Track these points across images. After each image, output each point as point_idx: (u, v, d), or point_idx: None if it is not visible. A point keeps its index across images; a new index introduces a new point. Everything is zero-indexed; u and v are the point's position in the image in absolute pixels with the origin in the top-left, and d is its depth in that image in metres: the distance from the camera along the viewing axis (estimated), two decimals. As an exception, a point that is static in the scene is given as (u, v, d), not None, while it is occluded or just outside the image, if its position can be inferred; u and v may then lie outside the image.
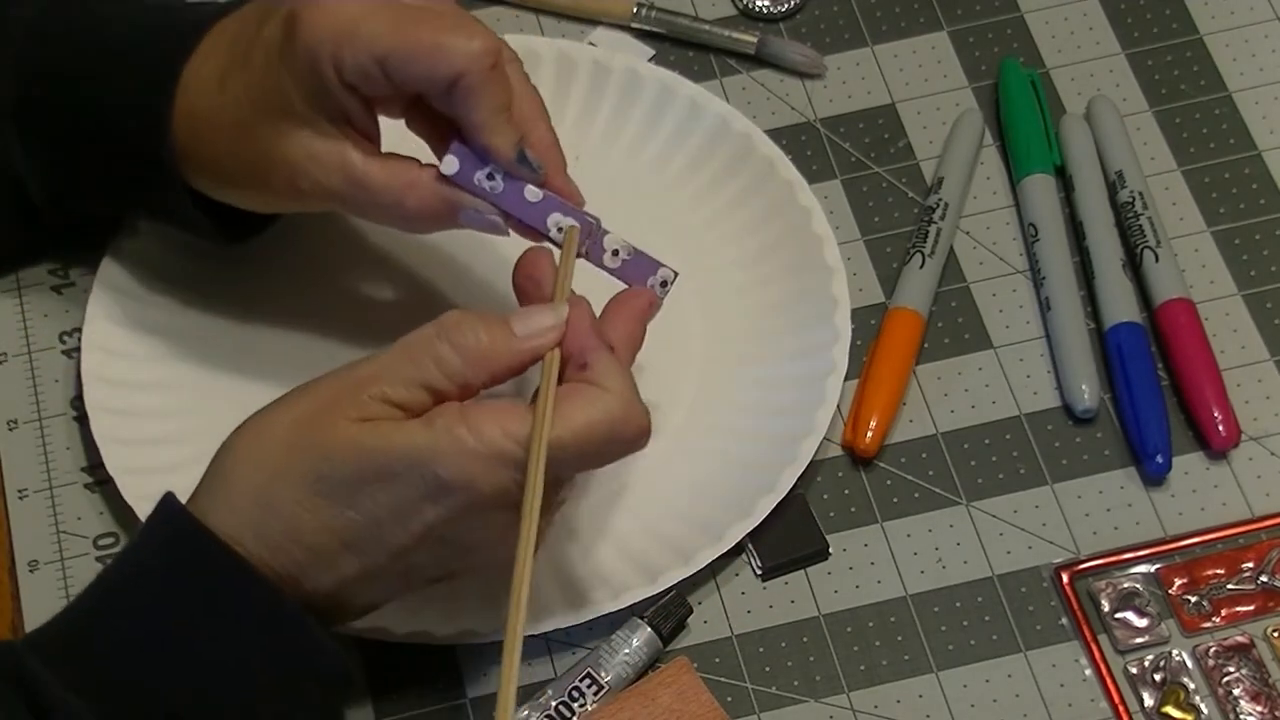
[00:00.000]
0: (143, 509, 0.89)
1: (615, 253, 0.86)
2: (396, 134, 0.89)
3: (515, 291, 0.84)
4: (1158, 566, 0.89)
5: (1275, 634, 0.88)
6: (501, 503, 0.78)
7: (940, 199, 0.98)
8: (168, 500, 0.80)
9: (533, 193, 0.85)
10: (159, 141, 0.88)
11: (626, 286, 0.86)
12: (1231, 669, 0.87)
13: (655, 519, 0.90)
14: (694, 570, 0.88)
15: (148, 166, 0.89)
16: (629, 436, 0.79)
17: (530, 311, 0.81)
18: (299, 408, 0.79)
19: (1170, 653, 0.87)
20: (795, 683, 0.88)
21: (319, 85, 0.84)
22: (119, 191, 0.92)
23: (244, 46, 0.87)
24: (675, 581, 0.88)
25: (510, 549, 0.77)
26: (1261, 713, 0.86)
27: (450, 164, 0.85)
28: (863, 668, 0.88)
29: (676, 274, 0.86)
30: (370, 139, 0.87)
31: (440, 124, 0.87)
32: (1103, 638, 0.88)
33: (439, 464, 0.77)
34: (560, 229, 0.85)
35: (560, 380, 0.80)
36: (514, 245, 0.87)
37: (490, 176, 0.85)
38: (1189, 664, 0.87)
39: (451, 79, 0.84)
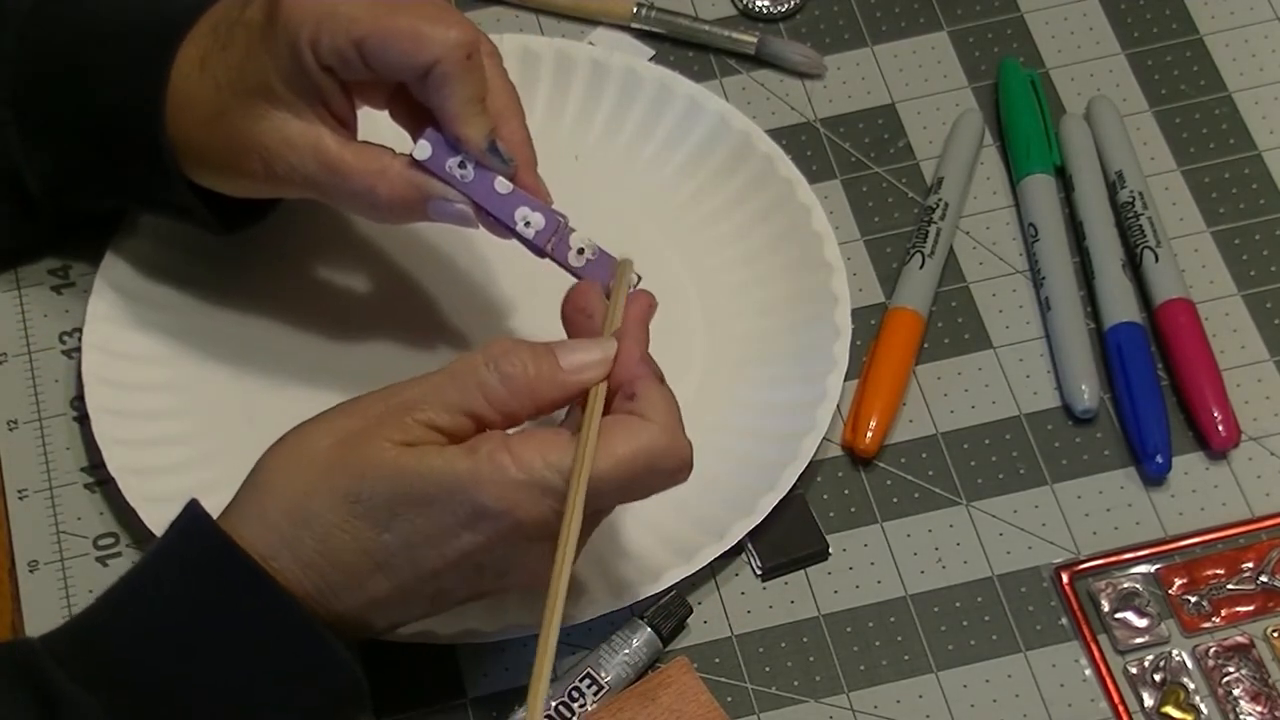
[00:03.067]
0: (144, 509, 0.89)
1: (580, 251, 0.87)
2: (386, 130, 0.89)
3: (564, 324, 0.84)
4: (1158, 566, 0.89)
5: (1275, 634, 0.88)
6: (540, 533, 0.77)
7: (940, 199, 0.98)
8: (191, 507, 0.80)
9: (502, 185, 0.86)
10: (154, 124, 0.88)
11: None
12: (1231, 669, 0.87)
13: (657, 517, 0.90)
14: (696, 568, 0.88)
15: (143, 150, 0.89)
16: (670, 469, 0.79)
17: (578, 344, 0.81)
18: (340, 426, 0.79)
19: (1170, 653, 0.87)
20: (795, 683, 0.88)
21: (297, 67, 0.85)
22: (115, 178, 0.92)
23: (226, 28, 0.87)
24: (677, 580, 0.88)
25: (545, 575, 0.77)
26: (1261, 713, 0.86)
27: (423, 149, 0.86)
28: (863, 668, 0.88)
29: (640, 277, 0.87)
30: (347, 126, 0.88)
31: (423, 116, 0.87)
32: (1103, 638, 0.88)
33: (480, 491, 0.76)
34: (528, 223, 0.86)
35: (609, 409, 0.79)
36: (514, 248, 0.87)
37: (462, 165, 0.86)
38: (1189, 664, 0.87)
39: (427, 66, 0.84)
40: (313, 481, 0.78)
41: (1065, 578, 0.89)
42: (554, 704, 0.86)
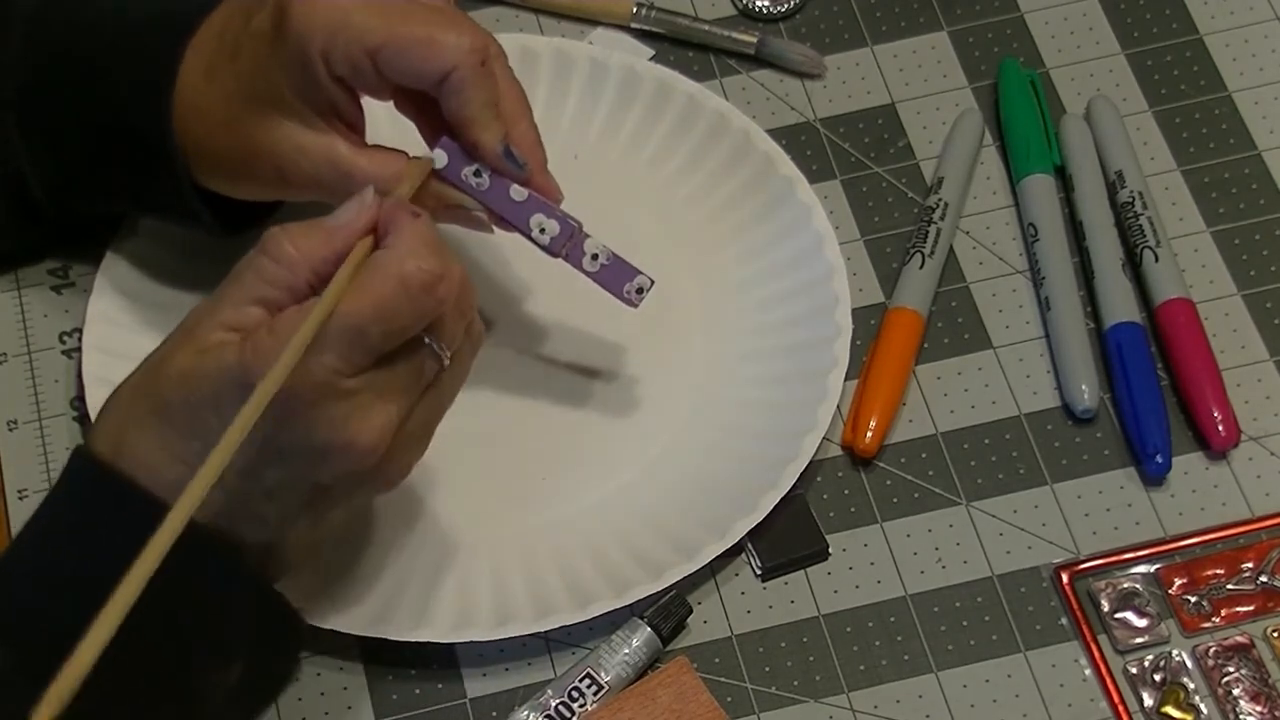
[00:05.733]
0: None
1: (594, 257, 0.87)
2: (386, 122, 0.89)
3: None
4: (1158, 566, 0.89)
5: (1275, 634, 0.88)
6: (323, 393, 0.76)
7: (940, 199, 0.98)
8: (76, 449, 0.80)
9: (518, 192, 0.86)
10: (162, 125, 0.88)
11: (605, 291, 0.87)
12: (1231, 669, 0.87)
13: (658, 516, 0.91)
14: (697, 566, 0.88)
15: (150, 155, 0.89)
16: (422, 284, 0.77)
17: (340, 207, 0.80)
18: (149, 357, 0.80)
19: (1170, 653, 0.87)
20: (795, 683, 0.88)
21: (308, 78, 0.85)
22: (119, 183, 0.92)
23: (232, 38, 0.87)
24: (678, 578, 0.88)
25: (356, 449, 0.77)
26: (1261, 713, 0.86)
27: (439, 158, 0.86)
28: (863, 668, 0.88)
29: (653, 281, 0.88)
30: (356, 130, 0.88)
31: (427, 106, 0.87)
32: (1102, 638, 0.88)
33: (249, 374, 0.75)
34: (543, 229, 0.86)
35: None
36: (516, 241, 0.87)
37: (477, 173, 0.86)
38: (1189, 664, 0.87)
39: (442, 74, 0.84)
40: (127, 408, 0.79)
41: (1065, 578, 0.89)
42: (554, 704, 0.86)
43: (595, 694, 0.86)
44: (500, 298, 0.96)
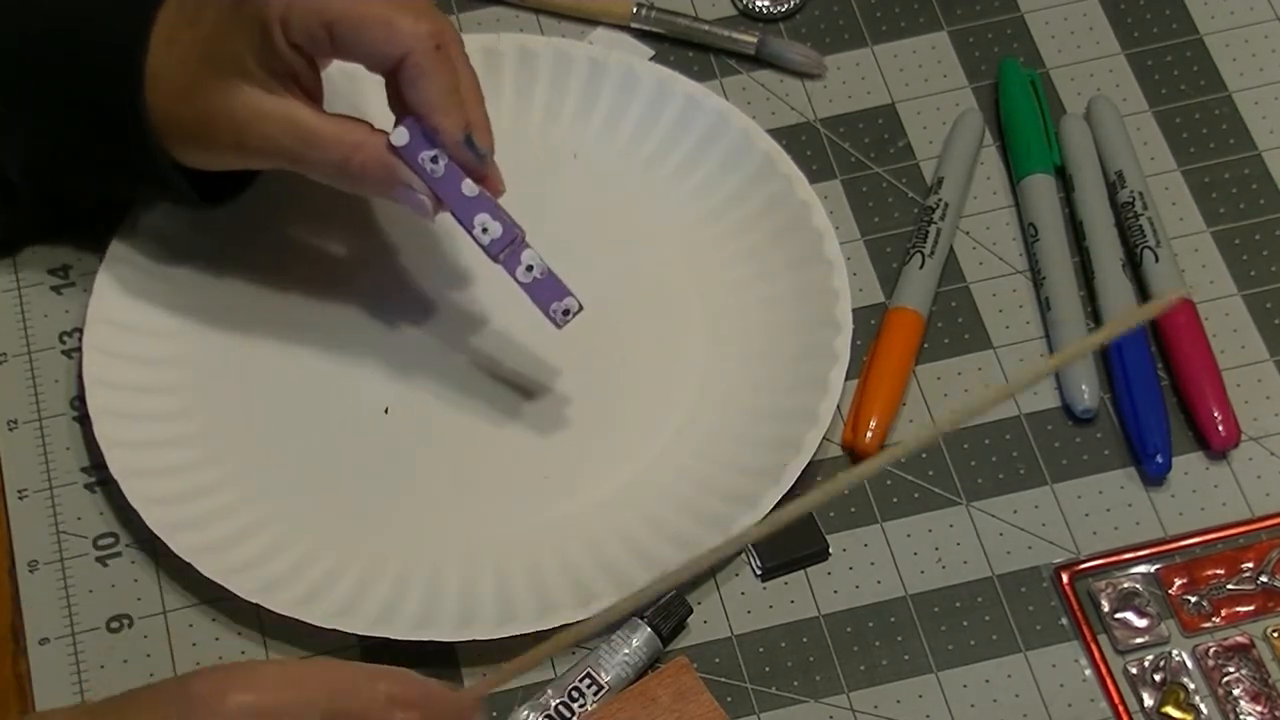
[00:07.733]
0: (146, 511, 0.89)
1: (530, 268, 0.88)
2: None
3: None
4: (1158, 566, 0.89)
5: (1275, 634, 0.88)
6: None
7: (940, 199, 0.98)
8: None
9: (469, 188, 0.87)
10: (134, 92, 0.88)
11: (534, 305, 0.88)
12: (1231, 669, 0.87)
13: (660, 514, 0.91)
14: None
15: (122, 120, 0.89)
16: None
17: None
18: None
19: (1170, 653, 0.87)
20: (795, 683, 0.88)
21: (267, 43, 0.86)
22: (93, 155, 0.91)
23: (194, 4, 0.88)
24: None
25: None
26: (1261, 713, 0.86)
27: (401, 135, 0.87)
28: (863, 668, 0.88)
29: (581, 307, 0.88)
30: (315, 99, 0.88)
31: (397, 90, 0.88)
32: (1102, 638, 0.88)
33: None
34: (485, 229, 0.87)
35: None
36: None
37: (435, 160, 0.86)
38: (1189, 664, 0.87)
39: (397, 58, 0.85)
40: None
41: (1065, 578, 0.89)
42: (554, 704, 0.86)
43: (595, 694, 0.86)
44: (501, 300, 0.96)
